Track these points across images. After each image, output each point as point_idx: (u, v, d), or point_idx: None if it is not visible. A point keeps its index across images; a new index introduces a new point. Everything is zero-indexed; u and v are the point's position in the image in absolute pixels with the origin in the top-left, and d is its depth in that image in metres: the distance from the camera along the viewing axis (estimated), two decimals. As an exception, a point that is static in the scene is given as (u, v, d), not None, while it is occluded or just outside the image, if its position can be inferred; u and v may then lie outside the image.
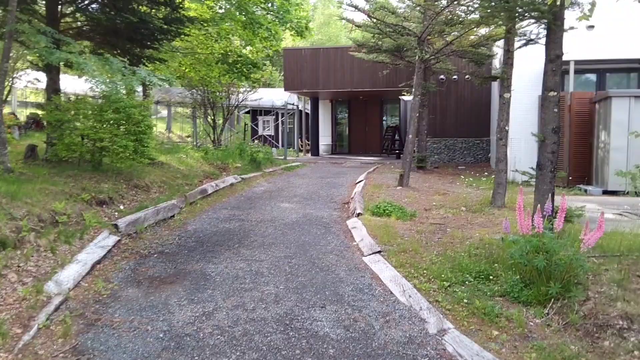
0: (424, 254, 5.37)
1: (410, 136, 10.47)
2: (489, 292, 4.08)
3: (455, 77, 16.49)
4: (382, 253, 5.52)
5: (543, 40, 5.80)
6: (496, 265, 4.60)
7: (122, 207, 7.24)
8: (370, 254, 5.54)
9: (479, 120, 16.78)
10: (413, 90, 10.41)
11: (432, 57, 11.37)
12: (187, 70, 12.84)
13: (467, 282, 4.34)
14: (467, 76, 16.27)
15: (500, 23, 8.93)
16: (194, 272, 5.06)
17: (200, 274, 5.02)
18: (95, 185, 7.42)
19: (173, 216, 7.79)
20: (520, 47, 7.57)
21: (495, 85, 15.36)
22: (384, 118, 23.03)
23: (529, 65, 12.09)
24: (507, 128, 8.02)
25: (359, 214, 7.57)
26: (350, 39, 14.68)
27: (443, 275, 4.54)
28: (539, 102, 12.06)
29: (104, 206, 7.03)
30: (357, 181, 11.75)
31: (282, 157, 18.71)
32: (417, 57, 10.34)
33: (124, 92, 7.91)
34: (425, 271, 4.79)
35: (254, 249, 6.00)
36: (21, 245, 4.53)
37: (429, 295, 4.21)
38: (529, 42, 6.63)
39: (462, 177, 13.27)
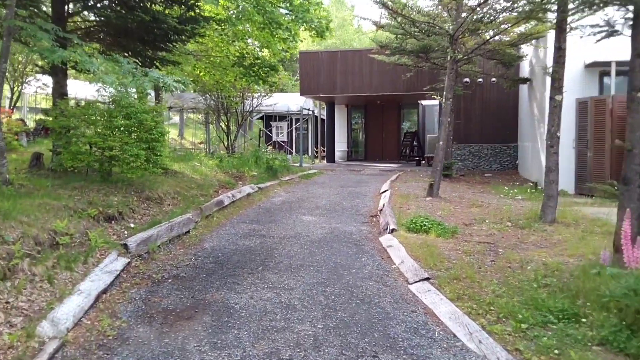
0: (482, 283, 4.60)
1: (441, 143, 9.71)
2: (582, 339, 3.30)
3: (480, 79, 15.70)
4: (431, 280, 4.76)
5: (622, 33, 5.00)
6: (579, 301, 3.81)
7: (132, 224, 6.55)
8: (417, 282, 4.78)
9: (506, 125, 15.95)
10: (444, 93, 9.67)
11: (465, 57, 10.61)
12: (201, 74, 12.20)
13: (549, 324, 3.56)
14: (493, 79, 15.49)
15: (544, 19, 8.18)
16: (214, 304, 4.34)
17: (222, 306, 4.30)
18: (103, 199, 6.75)
19: (188, 232, 7.09)
20: (600, 39, 6.66)
21: (523, 89, 14.55)
22: (402, 123, 22.25)
23: (567, 64, 11.23)
24: (558, 134, 7.23)
25: (392, 230, 6.82)
26: (373, 40, 13.95)
27: (516, 314, 3.76)
28: (576, 106, 11.25)
29: (113, 222, 6.34)
30: (382, 191, 11.00)
31: (298, 165, 18.01)
32: (448, 58, 9.59)
33: (135, 95, 7.25)
34: (490, 307, 4.02)
35: (280, 272, 5.26)
36: (12, 276, 3.84)
37: (504, 341, 3.44)
38: (612, 33, 5.71)
39: (492, 185, 12.46)
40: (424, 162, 18.83)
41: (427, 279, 4.79)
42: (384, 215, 7.89)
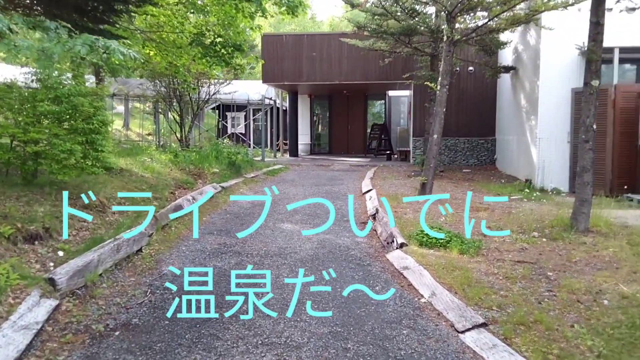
0: (563, 330, 3.35)
1: (435, 136, 8.49)
2: None
3: (457, 68, 14.66)
4: (489, 327, 3.46)
5: None
6: None
7: (63, 243, 4.90)
8: (469, 329, 3.47)
9: (483, 118, 15.03)
10: (439, 79, 8.43)
11: (464, 38, 9.41)
12: (151, 53, 10.41)
13: None
14: (470, 68, 14.49)
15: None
16: (188, 381, 2.86)
17: (201, 384, 2.82)
18: (24, 210, 5.06)
19: (140, 250, 5.50)
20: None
21: (505, 79, 13.62)
22: (368, 115, 21.05)
23: (559, 52, 10.34)
24: (594, 127, 6.09)
25: (402, 244, 5.49)
26: (349, 21, 12.58)
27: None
28: (572, 96, 10.33)
29: (36, 244, 4.68)
30: (365, 191, 9.69)
31: (260, 159, 16.45)
32: (445, 38, 8.35)
33: (67, 73, 5.53)
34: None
35: (275, 317, 3.82)
36: None
37: None
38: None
39: (479, 183, 11.43)
40: (395, 156, 17.71)
41: (484, 324, 3.49)
42: (381, 223, 6.56)
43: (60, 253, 4.57)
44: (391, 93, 20.65)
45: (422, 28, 11.09)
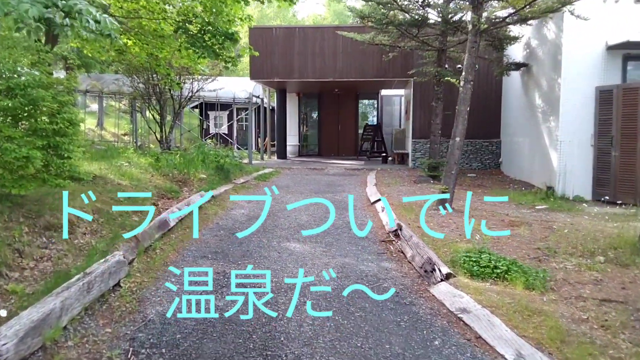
0: None
1: (457, 139, 7.47)
2: None
3: (459, 66, 13.69)
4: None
5: None
6: None
7: (15, 282, 3.69)
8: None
9: (488, 118, 14.12)
10: (463, 74, 7.42)
11: (493, 28, 8.41)
12: (129, 43, 9.14)
13: None
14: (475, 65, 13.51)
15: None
16: None
17: None
18: (-39, 236, 3.84)
19: (118, 284, 4.32)
20: None
21: (513, 77, 12.71)
22: (359, 115, 20.00)
23: (583, 47, 9.44)
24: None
25: (448, 275, 4.43)
26: (350, 10, 11.48)
27: None
28: (597, 95, 9.45)
29: (-26, 286, 3.47)
30: (373, 200, 8.61)
31: (247, 162, 15.25)
32: (470, 28, 7.34)
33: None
34: None
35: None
36: None
37: None
38: None
39: (492, 190, 10.49)
40: (390, 159, 16.69)
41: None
42: (411, 244, 5.49)
43: (15, 282, 3.34)
44: (384, 92, 19.67)
45: (436, 19, 10.09)
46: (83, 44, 9.90)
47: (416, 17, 10.06)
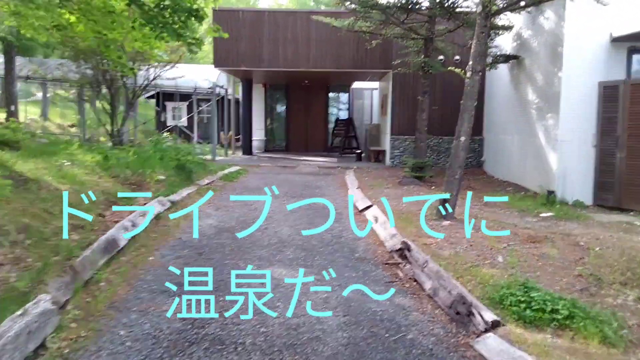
0: None
1: (462, 138, 6.46)
2: None
3: (441, 57, 12.78)
4: None
5: None
6: None
7: None
8: None
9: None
10: (470, 63, 6.38)
11: (506, 7, 7.39)
12: (72, 19, 7.63)
13: None
14: (456, 57, 12.66)
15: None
16: None
17: None
18: None
19: (43, 345, 3.05)
20: None
21: (498, 70, 11.85)
22: (329, 109, 18.86)
23: (586, 38, 8.64)
24: None
25: (494, 323, 3.35)
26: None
27: None
28: (600, 91, 8.66)
29: None
30: (363, 207, 7.50)
31: (210, 158, 13.87)
32: (479, 9, 6.30)
33: None
34: None
35: None
36: None
37: None
38: None
39: (480, 192, 9.58)
40: (365, 156, 15.66)
41: None
42: (428, 271, 4.40)
43: None
44: (355, 85, 18.61)
45: (426, 3, 9.06)
46: (18, 20, 8.32)
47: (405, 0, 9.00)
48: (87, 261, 4.33)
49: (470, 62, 6.38)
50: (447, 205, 6.57)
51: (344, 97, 18.97)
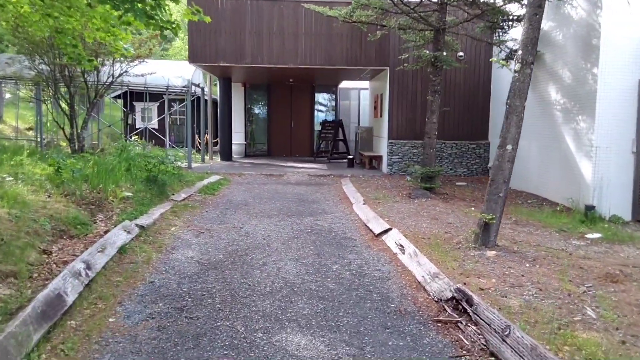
0: None
1: (509, 147, 5.17)
2: None
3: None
4: None
5: None
6: None
7: None
8: None
9: (474, 117, 12.12)
10: (519, 53, 5.11)
11: None
12: (23, 10, 6.08)
13: None
14: (460, 53, 11.46)
15: None
16: None
17: None
18: None
19: None
20: None
21: (500, 70, 10.68)
22: (315, 111, 17.47)
23: (629, 28, 7.51)
24: None
25: None
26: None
27: None
28: (644, 90, 7.53)
29: None
30: (381, 231, 6.14)
31: (186, 165, 12.33)
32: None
33: None
34: None
35: None
36: None
37: None
38: None
39: (508, 208, 8.35)
40: (357, 162, 14.34)
41: None
42: (522, 347, 3.06)
43: None
44: (342, 85, 17.30)
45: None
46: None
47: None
48: (13, 340, 2.85)
49: (520, 52, 5.11)
50: (489, 230, 5.28)
51: (330, 97, 17.62)
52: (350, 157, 13.79)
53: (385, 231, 5.99)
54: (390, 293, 4.25)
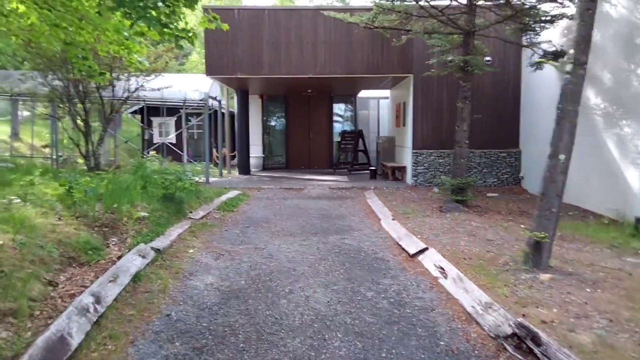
0: None
1: (562, 157, 4.67)
2: None
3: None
4: None
5: None
6: None
7: None
8: None
9: (504, 124, 11.54)
10: (571, 52, 4.59)
11: None
12: (31, 20, 5.77)
13: None
14: (487, 58, 10.90)
15: None
16: None
17: None
18: None
19: None
20: None
21: (532, 74, 10.12)
22: (334, 121, 17.02)
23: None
24: None
25: None
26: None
27: None
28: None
29: None
30: (416, 250, 5.62)
31: (204, 180, 11.95)
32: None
33: None
34: None
35: None
36: None
37: None
38: None
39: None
40: (379, 173, 13.84)
41: None
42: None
43: None
44: (361, 95, 16.86)
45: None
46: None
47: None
48: (2, 399, 2.42)
49: (572, 51, 4.59)
50: (541, 249, 4.73)
51: (348, 107, 17.18)
52: (373, 168, 13.29)
53: (421, 251, 5.47)
54: (437, 327, 3.73)
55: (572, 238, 6.55)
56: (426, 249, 5.47)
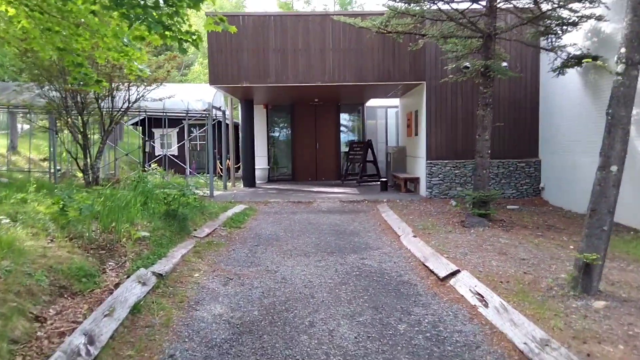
0: None
1: (614, 169, 4.14)
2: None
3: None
4: None
5: None
6: None
7: None
8: None
9: (523, 132, 11.02)
10: (622, 52, 4.08)
11: None
12: (24, 23, 5.30)
13: None
14: (504, 63, 10.40)
15: None
16: None
17: None
18: None
19: None
20: None
21: (551, 80, 9.62)
22: (341, 131, 16.53)
23: None
24: None
25: None
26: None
27: None
28: None
29: None
30: (447, 273, 5.06)
31: (208, 194, 11.43)
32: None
33: None
34: None
35: None
36: None
37: None
38: None
39: (572, 234, 7.19)
40: (391, 185, 13.31)
41: None
42: None
43: None
44: (369, 104, 16.38)
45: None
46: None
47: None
48: None
49: (624, 50, 4.09)
50: (591, 273, 4.18)
51: (356, 117, 16.69)
52: (384, 179, 12.75)
53: (453, 273, 4.92)
54: (484, 369, 3.18)
55: (612, 256, 5.98)
56: (458, 271, 4.93)
